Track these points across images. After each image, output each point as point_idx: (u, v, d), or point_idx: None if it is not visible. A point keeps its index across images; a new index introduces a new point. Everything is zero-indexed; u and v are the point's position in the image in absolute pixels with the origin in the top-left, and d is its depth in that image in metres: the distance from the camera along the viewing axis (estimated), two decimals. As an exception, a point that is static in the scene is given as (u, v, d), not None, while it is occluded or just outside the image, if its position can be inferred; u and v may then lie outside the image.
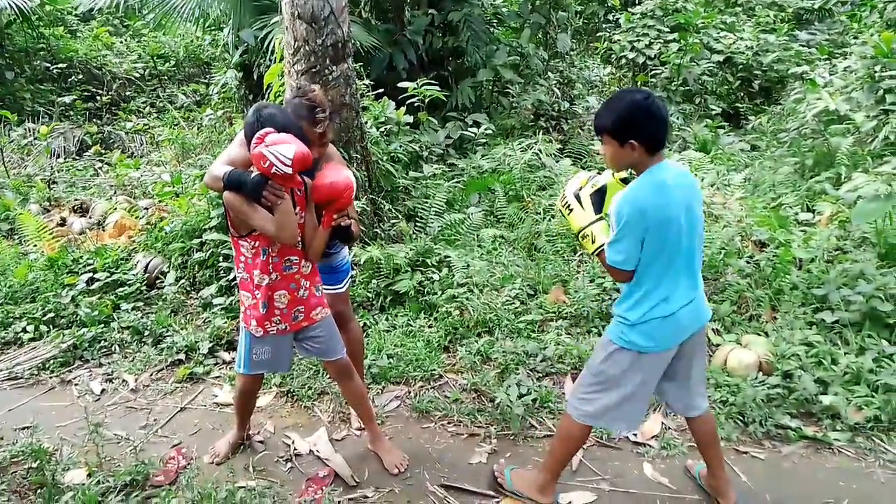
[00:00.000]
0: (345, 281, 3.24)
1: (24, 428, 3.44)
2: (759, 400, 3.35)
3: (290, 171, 2.38)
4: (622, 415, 2.52)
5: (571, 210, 2.46)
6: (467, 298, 4.31)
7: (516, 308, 4.29)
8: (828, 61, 8.41)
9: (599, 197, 2.45)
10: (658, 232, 2.27)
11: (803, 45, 9.58)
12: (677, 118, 8.13)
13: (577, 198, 2.46)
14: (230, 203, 2.59)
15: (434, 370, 3.82)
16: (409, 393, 3.69)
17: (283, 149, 2.37)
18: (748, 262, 4.42)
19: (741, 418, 3.32)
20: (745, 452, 3.13)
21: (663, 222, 2.26)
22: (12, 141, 8.75)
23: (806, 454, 3.13)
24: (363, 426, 3.23)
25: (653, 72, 9.02)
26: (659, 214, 2.25)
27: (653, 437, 3.25)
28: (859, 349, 3.61)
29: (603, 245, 2.37)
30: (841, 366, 3.48)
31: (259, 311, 2.74)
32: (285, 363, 2.99)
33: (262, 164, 2.39)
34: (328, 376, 3.76)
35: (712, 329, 3.97)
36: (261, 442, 3.29)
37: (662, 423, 3.33)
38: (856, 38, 7.82)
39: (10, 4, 9.79)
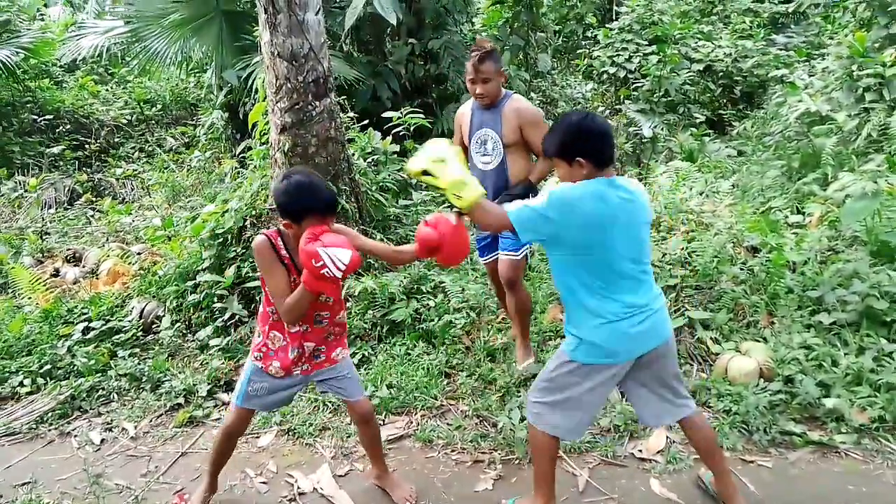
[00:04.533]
0: (523, 248, 3.60)
1: (23, 484, 3.40)
2: (763, 407, 3.33)
3: (340, 275, 2.33)
4: (569, 421, 2.54)
5: (445, 161, 2.29)
6: (464, 322, 4.31)
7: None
8: (806, 63, 8.51)
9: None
10: (581, 237, 2.30)
11: (781, 49, 9.70)
12: (661, 129, 8.19)
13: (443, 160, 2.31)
14: (256, 252, 2.58)
15: (435, 397, 3.80)
16: (412, 422, 3.66)
17: (341, 253, 2.31)
18: (742, 269, 4.42)
19: (745, 427, 3.30)
20: (752, 461, 3.11)
21: (588, 228, 2.29)
22: (2, 195, 8.77)
23: (813, 459, 3.11)
24: (372, 465, 3.14)
25: (634, 84, 9.10)
26: (586, 219, 2.28)
27: (658, 453, 3.23)
28: (859, 349, 3.61)
29: (479, 195, 2.30)
30: (842, 367, 3.47)
31: (287, 356, 2.71)
32: (285, 401, 2.94)
33: (314, 263, 2.30)
34: (329, 412, 3.75)
35: (710, 338, 3.96)
36: (263, 483, 3.25)
37: (667, 437, 3.30)
38: (831, 38, 7.92)
39: (-6, 61, 9.87)
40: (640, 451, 3.25)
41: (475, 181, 2.34)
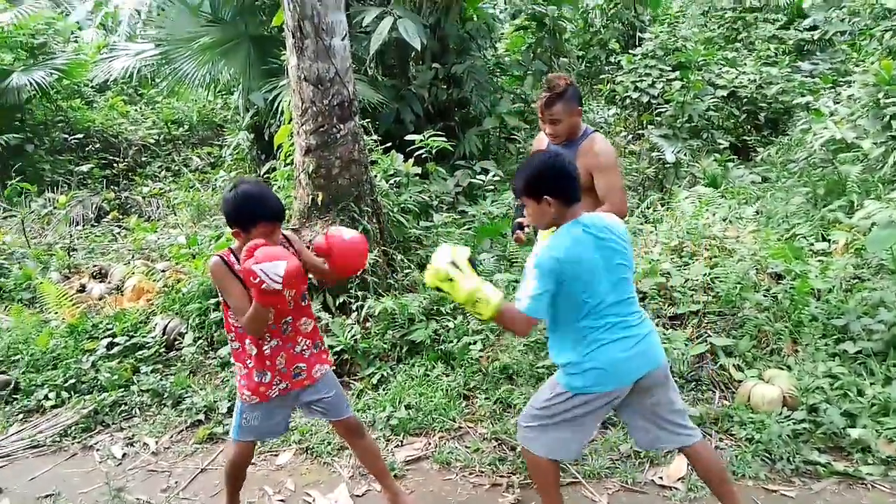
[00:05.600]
0: None
1: (46, 496, 3.45)
2: (786, 436, 3.29)
3: (279, 287, 2.35)
4: (563, 445, 2.57)
5: (452, 279, 2.39)
6: (485, 345, 4.31)
7: (535, 353, 4.26)
8: (832, 90, 8.46)
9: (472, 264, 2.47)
10: (576, 281, 2.36)
11: (806, 76, 9.65)
12: (685, 154, 8.17)
13: (455, 265, 2.40)
14: (212, 274, 2.62)
15: (454, 419, 3.79)
16: (430, 444, 3.66)
17: (275, 266, 2.34)
18: (765, 296, 4.38)
19: (768, 455, 3.25)
20: (775, 491, 3.06)
21: (581, 272, 2.37)
22: (32, 211, 8.94)
23: (838, 490, 3.05)
24: (382, 488, 3.11)
25: (657, 110, 9.11)
26: (576, 266, 2.36)
27: (679, 480, 3.19)
28: (885, 379, 3.55)
29: (498, 303, 2.36)
30: (867, 397, 3.41)
31: (253, 381, 2.69)
32: (280, 428, 2.91)
33: (252, 280, 2.34)
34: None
35: (733, 365, 3.92)
36: (281, 501, 3.26)
37: (688, 464, 3.25)
38: (857, 66, 7.88)
39: (29, 81, 10.15)
40: (661, 477, 3.21)
41: (488, 289, 2.37)
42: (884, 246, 4.25)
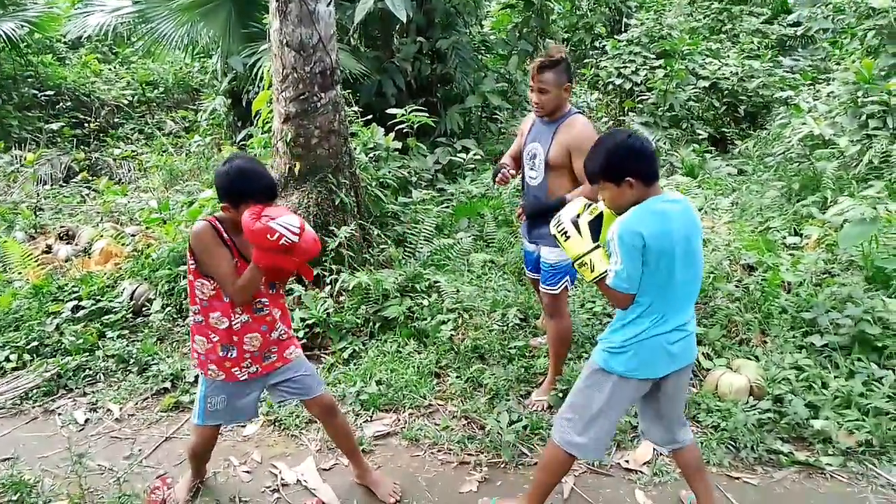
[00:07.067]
0: (561, 282, 3.50)
1: (4, 459, 3.37)
2: (751, 425, 3.34)
3: (297, 239, 2.34)
4: (591, 439, 2.49)
5: (568, 237, 2.43)
6: (458, 324, 4.30)
7: (507, 333, 4.27)
8: (812, 87, 8.54)
9: (597, 224, 2.44)
10: (654, 259, 2.26)
11: (787, 71, 9.73)
12: (664, 143, 8.20)
13: (575, 224, 2.42)
14: (199, 238, 2.52)
15: (424, 396, 3.78)
16: (399, 420, 3.65)
17: (290, 219, 2.33)
18: (737, 286, 4.43)
19: (733, 443, 3.30)
20: (738, 478, 3.11)
21: (661, 249, 2.26)
22: (-1, 168, 8.71)
23: (798, 479, 3.11)
24: (351, 464, 3.10)
25: (639, 97, 9.12)
26: (657, 242, 2.25)
27: (644, 464, 3.22)
28: (849, 372, 3.62)
29: (603, 273, 2.36)
30: (831, 389, 3.47)
31: (218, 354, 2.62)
32: (249, 411, 2.82)
33: (270, 238, 2.30)
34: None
35: (702, 353, 3.96)
36: (247, 472, 3.23)
37: (654, 448, 3.29)
38: (838, 64, 7.95)
39: (-2, 32, 9.81)
40: (627, 461, 3.24)
41: (596, 257, 2.38)
42: (855, 242, 4.31)
